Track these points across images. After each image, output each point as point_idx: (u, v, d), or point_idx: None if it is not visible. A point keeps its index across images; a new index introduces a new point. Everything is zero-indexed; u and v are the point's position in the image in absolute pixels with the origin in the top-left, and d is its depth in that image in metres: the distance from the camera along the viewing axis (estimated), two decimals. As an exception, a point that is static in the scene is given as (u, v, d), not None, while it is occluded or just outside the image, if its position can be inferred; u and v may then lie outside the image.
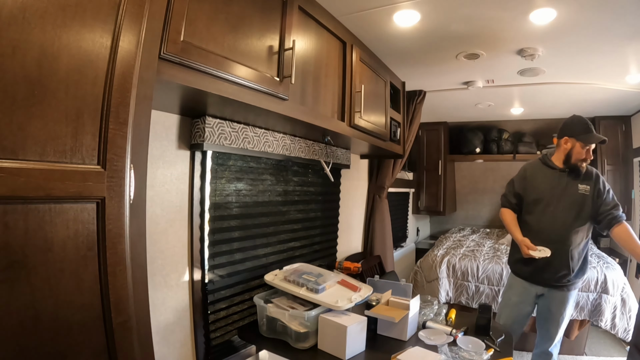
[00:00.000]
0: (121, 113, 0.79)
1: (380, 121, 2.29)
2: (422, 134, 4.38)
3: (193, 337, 1.49)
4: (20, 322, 0.65)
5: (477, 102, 3.37)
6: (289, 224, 2.05)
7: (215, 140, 1.46)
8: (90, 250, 0.75)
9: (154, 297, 1.31)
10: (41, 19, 0.66)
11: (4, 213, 0.63)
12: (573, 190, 1.90)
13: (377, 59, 2.26)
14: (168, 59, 0.98)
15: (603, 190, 1.88)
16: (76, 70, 0.72)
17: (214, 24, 1.12)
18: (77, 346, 0.74)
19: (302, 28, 1.53)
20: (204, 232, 1.52)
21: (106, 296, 0.77)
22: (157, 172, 1.36)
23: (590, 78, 2.57)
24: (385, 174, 2.99)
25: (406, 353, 1.34)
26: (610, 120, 3.62)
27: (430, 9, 1.66)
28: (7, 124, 0.63)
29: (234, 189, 1.68)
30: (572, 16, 1.67)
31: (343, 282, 1.60)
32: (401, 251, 3.98)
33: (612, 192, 1.90)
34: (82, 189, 0.72)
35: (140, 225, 0.85)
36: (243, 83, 1.22)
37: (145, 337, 0.87)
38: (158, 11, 0.89)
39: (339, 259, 2.59)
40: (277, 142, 1.80)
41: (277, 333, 1.52)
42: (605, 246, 3.81)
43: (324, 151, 2.18)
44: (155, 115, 1.34)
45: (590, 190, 1.89)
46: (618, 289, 2.62)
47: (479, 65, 2.36)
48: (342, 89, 1.87)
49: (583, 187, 1.90)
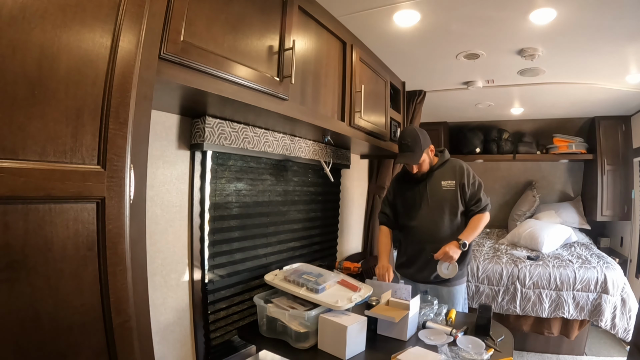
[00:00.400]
0: (121, 113, 0.79)
1: (380, 121, 2.29)
2: (422, 134, 4.37)
3: (193, 337, 1.49)
4: (20, 322, 0.65)
5: (477, 102, 3.36)
6: (289, 224, 2.05)
7: (215, 140, 1.46)
8: (90, 250, 0.75)
9: (154, 297, 1.31)
10: (41, 19, 0.66)
11: (4, 213, 0.63)
12: (435, 188, 1.95)
13: (377, 59, 2.26)
14: (168, 59, 0.98)
15: (468, 184, 1.92)
16: (76, 70, 0.72)
17: (214, 24, 1.12)
18: (77, 346, 0.74)
19: (302, 28, 1.53)
20: (204, 232, 1.52)
21: (106, 296, 0.78)
22: (157, 172, 1.36)
23: (590, 78, 2.57)
24: (385, 174, 2.99)
25: (406, 353, 1.34)
26: (610, 120, 3.62)
27: (430, 9, 1.66)
28: (7, 124, 0.63)
29: (234, 189, 1.68)
30: (572, 16, 1.67)
31: (343, 282, 1.60)
32: (401, 251, 3.98)
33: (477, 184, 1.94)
34: (82, 189, 0.72)
35: (140, 225, 0.85)
36: (243, 83, 1.22)
37: (145, 337, 0.87)
38: (158, 11, 0.90)
39: (339, 259, 2.59)
40: (277, 142, 1.80)
41: (277, 333, 1.52)
42: (605, 246, 3.82)
43: (324, 151, 2.18)
44: (155, 115, 1.34)
45: (455, 185, 1.93)
46: (618, 289, 2.62)
47: (479, 65, 2.36)
48: (342, 89, 1.87)
49: (446, 184, 1.94)
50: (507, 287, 2.81)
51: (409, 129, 1.96)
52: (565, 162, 4.22)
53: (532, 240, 3.33)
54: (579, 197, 4.11)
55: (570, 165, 4.21)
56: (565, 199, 4.19)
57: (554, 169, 4.31)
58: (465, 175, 1.92)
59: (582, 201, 4.03)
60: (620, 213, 3.55)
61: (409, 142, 1.88)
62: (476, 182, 1.93)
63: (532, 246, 3.33)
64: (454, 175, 1.94)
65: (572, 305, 2.65)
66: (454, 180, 1.93)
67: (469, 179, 1.92)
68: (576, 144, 3.79)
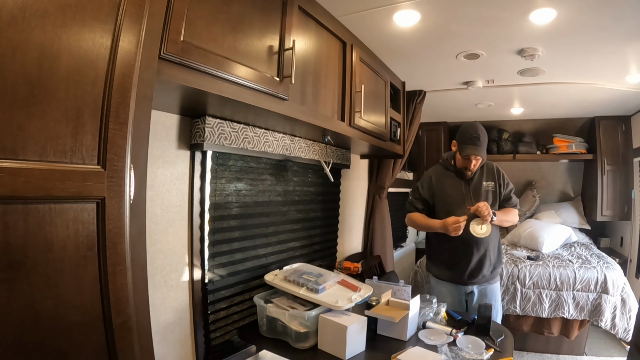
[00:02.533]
0: (121, 113, 0.79)
1: (380, 121, 2.29)
2: (422, 134, 4.37)
3: (193, 337, 1.49)
4: (20, 322, 0.65)
5: (477, 102, 3.36)
6: (289, 224, 2.05)
7: (215, 140, 1.46)
8: (90, 250, 0.75)
9: (154, 297, 1.31)
10: (41, 19, 0.66)
11: (4, 213, 0.63)
12: (478, 188, 2.01)
13: (377, 59, 2.26)
14: (168, 59, 0.98)
15: (504, 184, 2.02)
16: (76, 70, 0.72)
17: (214, 24, 1.12)
18: (77, 346, 0.74)
19: (302, 28, 1.53)
20: (204, 232, 1.52)
21: (106, 296, 0.77)
22: (157, 172, 1.36)
23: (590, 78, 2.57)
24: (385, 174, 2.99)
25: (406, 353, 1.34)
26: (610, 120, 3.62)
27: (430, 9, 1.66)
28: (7, 124, 0.63)
29: (234, 189, 1.68)
30: (572, 16, 1.67)
31: (343, 282, 1.60)
32: (401, 251, 3.98)
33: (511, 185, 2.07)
34: (82, 189, 0.72)
35: (140, 225, 0.85)
36: (243, 83, 1.22)
37: (145, 337, 0.87)
38: (158, 11, 0.90)
39: (339, 259, 2.59)
40: (277, 142, 1.80)
41: (277, 333, 1.52)
42: (605, 246, 3.82)
43: (324, 151, 2.18)
44: (155, 115, 1.34)
45: (495, 186, 2.02)
46: (618, 289, 2.62)
47: (479, 65, 2.36)
48: (342, 89, 1.87)
49: (487, 184, 2.01)
50: (507, 287, 2.81)
51: (477, 125, 1.96)
52: (565, 162, 4.22)
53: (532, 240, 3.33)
54: (579, 197, 4.11)
55: (570, 165, 4.21)
56: (565, 199, 4.19)
57: (554, 169, 4.31)
58: (502, 177, 2.04)
59: (582, 201, 4.03)
60: (620, 213, 3.55)
61: (480, 137, 1.91)
62: (509, 183, 2.06)
63: (532, 246, 3.33)
64: (493, 176, 2.04)
65: (572, 305, 2.65)
66: (493, 182, 2.02)
67: (504, 180, 2.04)
68: (576, 144, 3.79)
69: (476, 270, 1.98)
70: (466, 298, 2.06)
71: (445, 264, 2.05)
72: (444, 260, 2.05)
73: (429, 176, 2.13)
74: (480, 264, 1.97)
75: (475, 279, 1.99)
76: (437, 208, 2.05)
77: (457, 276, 2.02)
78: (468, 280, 2.00)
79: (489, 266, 1.98)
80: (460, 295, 2.05)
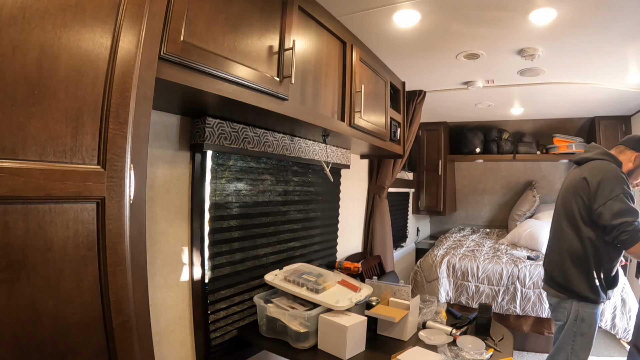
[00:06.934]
0: (121, 113, 0.79)
1: (380, 121, 2.29)
2: (422, 134, 4.38)
3: (193, 337, 1.49)
4: (20, 322, 0.65)
5: (477, 102, 3.36)
6: (289, 224, 2.05)
7: (215, 140, 1.46)
8: (90, 250, 0.75)
9: (154, 297, 1.31)
10: (41, 19, 0.66)
11: (4, 213, 0.63)
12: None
13: (377, 59, 2.26)
14: (168, 59, 0.98)
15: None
16: (76, 70, 0.72)
17: (214, 24, 1.12)
18: (77, 346, 0.74)
19: (302, 28, 1.53)
20: (204, 232, 1.52)
21: (106, 296, 0.77)
22: (157, 172, 1.36)
23: (590, 78, 2.57)
24: (385, 174, 2.99)
25: (406, 353, 1.34)
26: (610, 120, 3.62)
27: (430, 9, 1.66)
28: (7, 124, 0.63)
29: (234, 189, 1.68)
30: (572, 16, 1.67)
31: (343, 282, 1.60)
32: (401, 251, 3.98)
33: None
34: (82, 189, 0.72)
35: (140, 225, 0.85)
36: (243, 83, 1.22)
37: (145, 337, 0.87)
38: (158, 11, 0.90)
39: (339, 259, 2.59)
40: (277, 142, 1.80)
41: (277, 333, 1.52)
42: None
43: (324, 151, 2.18)
44: (155, 115, 1.35)
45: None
46: (618, 289, 2.62)
47: (479, 65, 2.36)
48: (342, 89, 1.87)
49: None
50: (507, 287, 2.81)
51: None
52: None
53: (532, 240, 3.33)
54: (579, 197, 4.10)
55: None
56: (565, 199, 4.18)
57: (554, 169, 4.31)
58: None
59: (582, 201, 4.02)
60: (620, 213, 3.54)
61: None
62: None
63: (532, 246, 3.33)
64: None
65: (572, 305, 2.65)
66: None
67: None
68: (576, 144, 3.79)
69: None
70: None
71: (613, 283, 1.78)
72: (612, 282, 1.78)
73: (623, 179, 1.64)
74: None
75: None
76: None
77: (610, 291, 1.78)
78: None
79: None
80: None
